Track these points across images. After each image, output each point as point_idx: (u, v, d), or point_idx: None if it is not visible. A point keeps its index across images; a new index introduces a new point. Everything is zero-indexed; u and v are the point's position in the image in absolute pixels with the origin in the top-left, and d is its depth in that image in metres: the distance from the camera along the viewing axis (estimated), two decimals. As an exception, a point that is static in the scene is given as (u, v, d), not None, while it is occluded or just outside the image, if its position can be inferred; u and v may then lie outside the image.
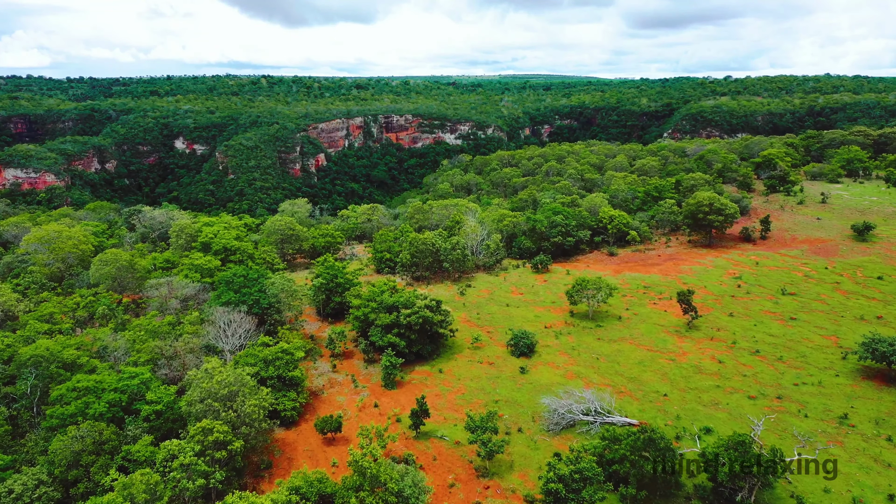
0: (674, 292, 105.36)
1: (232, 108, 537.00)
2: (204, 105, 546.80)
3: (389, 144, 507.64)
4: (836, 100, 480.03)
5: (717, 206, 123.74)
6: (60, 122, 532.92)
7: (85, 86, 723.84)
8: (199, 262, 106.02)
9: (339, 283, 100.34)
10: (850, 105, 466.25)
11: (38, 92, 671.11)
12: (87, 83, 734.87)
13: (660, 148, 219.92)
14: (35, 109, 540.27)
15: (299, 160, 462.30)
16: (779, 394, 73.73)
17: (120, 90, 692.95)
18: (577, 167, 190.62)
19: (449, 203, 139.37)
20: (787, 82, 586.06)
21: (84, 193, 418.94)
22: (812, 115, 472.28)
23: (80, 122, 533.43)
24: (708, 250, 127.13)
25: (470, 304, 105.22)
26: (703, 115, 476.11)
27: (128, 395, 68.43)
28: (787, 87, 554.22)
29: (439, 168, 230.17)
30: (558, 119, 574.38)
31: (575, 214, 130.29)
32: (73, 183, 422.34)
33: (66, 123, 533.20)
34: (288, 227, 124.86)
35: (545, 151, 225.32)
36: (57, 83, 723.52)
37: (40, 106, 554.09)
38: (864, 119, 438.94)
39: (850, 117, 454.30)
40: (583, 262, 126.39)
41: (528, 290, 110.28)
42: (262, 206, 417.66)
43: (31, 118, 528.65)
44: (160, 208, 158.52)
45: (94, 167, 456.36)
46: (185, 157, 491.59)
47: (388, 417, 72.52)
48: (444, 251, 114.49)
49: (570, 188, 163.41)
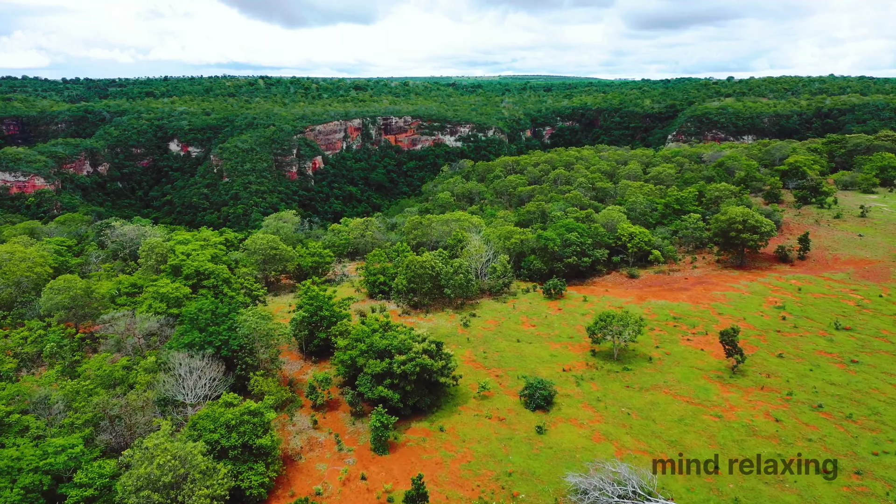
0: (708, 325, 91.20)
1: (228, 109, 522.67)
2: (200, 106, 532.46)
3: (388, 147, 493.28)
4: (843, 101, 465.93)
5: (751, 223, 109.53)
6: (54, 123, 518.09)
7: (81, 87, 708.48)
8: (165, 290, 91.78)
9: (323, 317, 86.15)
10: (859, 106, 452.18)
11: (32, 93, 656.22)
12: (83, 84, 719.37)
13: (674, 154, 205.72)
14: (28, 111, 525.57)
15: (296, 163, 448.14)
16: (856, 467, 59.57)
17: (116, 91, 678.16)
18: (587, 175, 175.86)
19: (450, 218, 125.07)
20: (792, 83, 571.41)
21: (75, 197, 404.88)
22: (819, 117, 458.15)
23: (74, 124, 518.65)
24: (740, 272, 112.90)
25: (475, 338, 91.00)
26: (708, 116, 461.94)
27: (52, 477, 54.37)
28: (793, 88, 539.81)
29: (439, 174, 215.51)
30: (560, 121, 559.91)
31: (590, 231, 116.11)
32: (63, 187, 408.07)
33: (60, 125, 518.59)
34: (271, 245, 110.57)
35: (551, 157, 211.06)
36: (52, 84, 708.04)
37: (33, 107, 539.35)
38: (873, 121, 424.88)
39: (859, 119, 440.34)
40: (600, 286, 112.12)
41: (540, 322, 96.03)
42: (258, 210, 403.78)
43: (24, 120, 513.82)
44: (131, 223, 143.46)
45: (86, 170, 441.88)
46: (179, 159, 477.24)
47: (378, 497, 58.40)
48: (445, 276, 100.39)
49: (580, 199, 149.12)
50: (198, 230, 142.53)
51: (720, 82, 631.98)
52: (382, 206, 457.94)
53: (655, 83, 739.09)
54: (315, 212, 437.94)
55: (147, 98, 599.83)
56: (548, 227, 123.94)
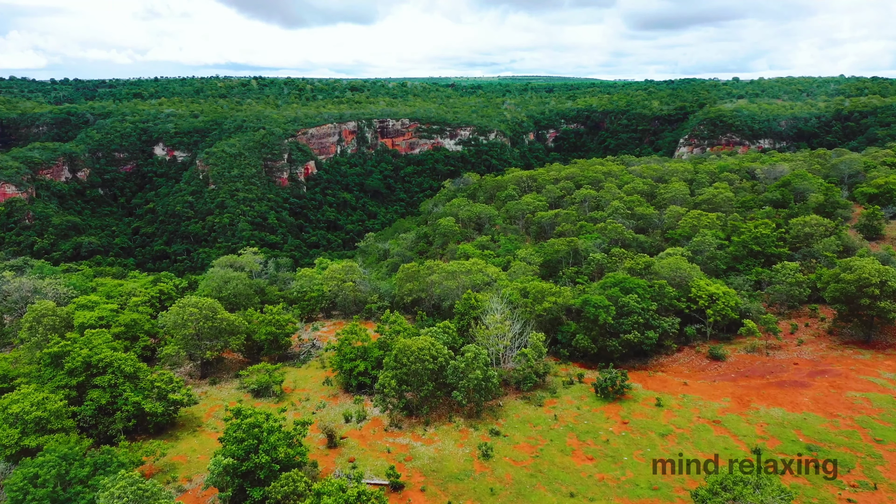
0: (870, 466, 56.58)
1: (218, 111, 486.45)
2: (188, 108, 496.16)
3: (385, 151, 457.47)
4: (864, 103, 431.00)
5: (892, 287, 75.04)
6: (35, 126, 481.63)
7: (69, 87, 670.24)
8: (17, 408, 57.11)
9: (261, 465, 51.61)
10: (881, 109, 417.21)
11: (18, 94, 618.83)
12: (73, 85, 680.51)
13: (720, 168, 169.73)
14: (9, 113, 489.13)
15: (287, 168, 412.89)
16: None
17: (105, 92, 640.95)
18: (621, 197, 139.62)
19: (458, 269, 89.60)
20: (805, 84, 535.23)
21: (49, 206, 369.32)
22: (840, 120, 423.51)
23: (56, 127, 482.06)
24: (872, 353, 78.35)
25: (502, 484, 56.31)
26: (722, 119, 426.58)
27: None
28: (807, 90, 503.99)
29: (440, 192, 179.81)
30: (564, 123, 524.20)
31: (654, 291, 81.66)
32: (37, 195, 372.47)
33: (41, 128, 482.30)
34: (206, 314, 75.80)
35: (573, 172, 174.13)
36: (40, 85, 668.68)
37: (14, 109, 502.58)
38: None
39: (882, 122, 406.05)
40: (673, 373, 77.48)
41: (600, 450, 61.29)
42: (245, 219, 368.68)
43: (4, 122, 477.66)
44: (27, 274, 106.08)
45: (65, 176, 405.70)
46: (165, 164, 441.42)
47: None
48: (453, 372, 65.87)
49: (622, 232, 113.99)
50: (123, 280, 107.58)
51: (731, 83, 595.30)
52: (378, 214, 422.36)
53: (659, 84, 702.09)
54: (307, 220, 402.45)
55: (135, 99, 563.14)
56: (593, 285, 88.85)
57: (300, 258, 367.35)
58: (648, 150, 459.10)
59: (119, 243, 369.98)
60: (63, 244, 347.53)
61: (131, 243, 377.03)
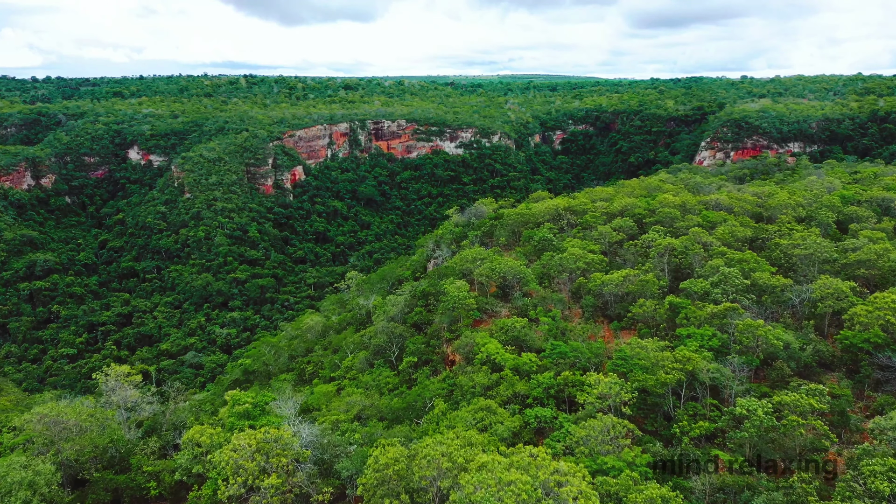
0: None
1: (200, 111, 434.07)
2: (169, 108, 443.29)
3: (379, 154, 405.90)
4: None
5: None
6: (2, 128, 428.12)
7: (51, 86, 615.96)
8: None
9: None
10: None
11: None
12: (54, 83, 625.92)
13: (845, 200, 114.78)
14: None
15: (272, 175, 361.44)
16: None
17: (87, 91, 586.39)
18: (725, 253, 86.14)
19: (482, 475, 37.86)
20: (832, 82, 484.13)
21: (4, 218, 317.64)
22: (876, 121, 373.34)
23: (26, 128, 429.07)
24: None
25: None
26: (747, 120, 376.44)
27: None
28: (834, 88, 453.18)
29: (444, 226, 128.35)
30: (572, 124, 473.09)
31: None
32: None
33: (9, 129, 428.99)
34: None
35: (631, 203, 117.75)
36: (19, 83, 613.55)
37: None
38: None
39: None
40: None
41: None
42: (223, 232, 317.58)
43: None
44: None
45: (26, 183, 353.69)
46: (139, 169, 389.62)
47: None
48: None
49: (767, 335, 62.95)
50: None
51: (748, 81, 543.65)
52: (372, 224, 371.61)
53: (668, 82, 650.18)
54: (293, 232, 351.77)
55: (114, 98, 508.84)
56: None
57: (283, 276, 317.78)
58: (665, 154, 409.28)
59: (82, 259, 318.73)
60: (15, 262, 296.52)
61: (97, 259, 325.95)
